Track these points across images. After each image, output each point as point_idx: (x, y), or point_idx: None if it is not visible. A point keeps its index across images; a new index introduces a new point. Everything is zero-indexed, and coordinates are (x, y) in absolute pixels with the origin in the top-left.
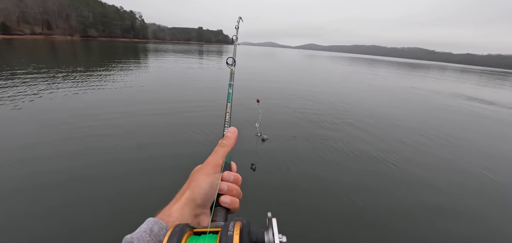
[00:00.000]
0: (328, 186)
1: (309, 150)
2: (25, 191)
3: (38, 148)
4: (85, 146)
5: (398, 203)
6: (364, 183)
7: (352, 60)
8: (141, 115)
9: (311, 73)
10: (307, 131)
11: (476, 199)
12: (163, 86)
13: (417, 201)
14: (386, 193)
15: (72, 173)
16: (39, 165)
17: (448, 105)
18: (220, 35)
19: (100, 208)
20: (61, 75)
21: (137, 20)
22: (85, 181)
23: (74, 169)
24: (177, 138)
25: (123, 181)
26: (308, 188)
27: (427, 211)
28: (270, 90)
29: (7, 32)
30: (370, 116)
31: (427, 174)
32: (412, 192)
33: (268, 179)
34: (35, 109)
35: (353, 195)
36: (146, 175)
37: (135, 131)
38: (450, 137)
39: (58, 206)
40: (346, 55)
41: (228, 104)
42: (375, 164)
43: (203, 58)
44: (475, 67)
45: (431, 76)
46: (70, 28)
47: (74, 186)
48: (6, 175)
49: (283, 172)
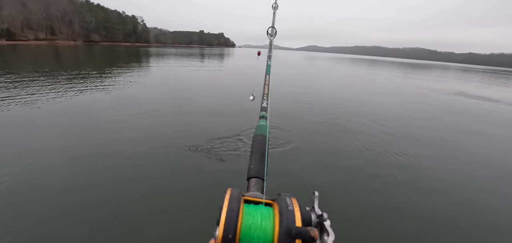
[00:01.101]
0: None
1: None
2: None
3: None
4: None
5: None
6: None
7: (362, 62)
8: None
9: (334, 79)
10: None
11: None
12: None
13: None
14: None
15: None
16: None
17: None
18: (221, 38)
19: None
20: (90, 77)
21: (139, 24)
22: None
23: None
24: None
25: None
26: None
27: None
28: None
29: (12, 38)
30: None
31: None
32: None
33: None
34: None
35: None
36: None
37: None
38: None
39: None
40: (348, 56)
41: (267, 76)
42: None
43: (219, 61)
44: (478, 67)
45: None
46: (73, 33)
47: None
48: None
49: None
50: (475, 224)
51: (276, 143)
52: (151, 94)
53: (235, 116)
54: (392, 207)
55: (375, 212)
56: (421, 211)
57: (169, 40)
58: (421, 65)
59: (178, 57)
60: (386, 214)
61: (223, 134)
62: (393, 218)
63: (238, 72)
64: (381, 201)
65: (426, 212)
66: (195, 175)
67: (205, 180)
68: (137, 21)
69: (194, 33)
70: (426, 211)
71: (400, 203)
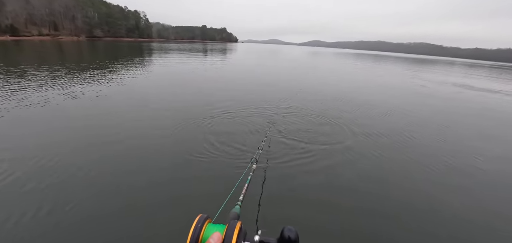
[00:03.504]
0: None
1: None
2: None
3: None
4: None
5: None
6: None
7: (371, 58)
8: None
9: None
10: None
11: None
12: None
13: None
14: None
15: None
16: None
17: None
18: (223, 33)
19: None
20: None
21: (142, 19)
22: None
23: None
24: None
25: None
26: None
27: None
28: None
29: (16, 34)
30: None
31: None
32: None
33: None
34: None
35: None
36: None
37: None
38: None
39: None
40: (352, 51)
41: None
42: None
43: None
44: (485, 62)
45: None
46: (76, 28)
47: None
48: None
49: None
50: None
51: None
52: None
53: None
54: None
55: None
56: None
57: (171, 35)
58: (428, 61)
59: (181, 52)
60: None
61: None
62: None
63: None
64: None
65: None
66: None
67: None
68: (140, 16)
69: (197, 28)
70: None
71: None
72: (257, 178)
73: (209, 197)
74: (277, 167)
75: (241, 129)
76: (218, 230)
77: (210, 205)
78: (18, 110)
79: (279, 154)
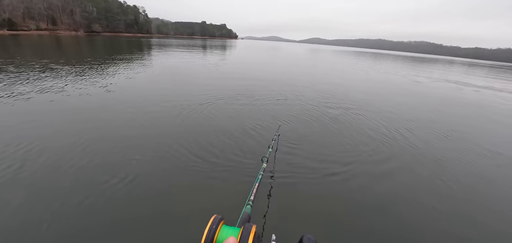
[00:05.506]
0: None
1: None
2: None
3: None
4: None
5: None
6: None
7: (372, 56)
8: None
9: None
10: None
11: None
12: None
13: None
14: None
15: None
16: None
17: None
18: (223, 30)
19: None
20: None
21: (141, 14)
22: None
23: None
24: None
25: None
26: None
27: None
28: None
29: (13, 28)
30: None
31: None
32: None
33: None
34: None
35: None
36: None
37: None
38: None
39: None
40: (352, 49)
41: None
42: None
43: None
44: (485, 62)
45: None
46: (75, 23)
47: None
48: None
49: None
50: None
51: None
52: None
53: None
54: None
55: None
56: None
57: (171, 31)
58: (429, 59)
59: (183, 48)
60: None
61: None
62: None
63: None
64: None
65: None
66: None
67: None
68: (139, 11)
69: (196, 24)
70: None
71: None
72: (266, 178)
73: (216, 195)
74: (285, 165)
75: (250, 124)
76: (232, 233)
77: (219, 204)
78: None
79: (288, 153)
